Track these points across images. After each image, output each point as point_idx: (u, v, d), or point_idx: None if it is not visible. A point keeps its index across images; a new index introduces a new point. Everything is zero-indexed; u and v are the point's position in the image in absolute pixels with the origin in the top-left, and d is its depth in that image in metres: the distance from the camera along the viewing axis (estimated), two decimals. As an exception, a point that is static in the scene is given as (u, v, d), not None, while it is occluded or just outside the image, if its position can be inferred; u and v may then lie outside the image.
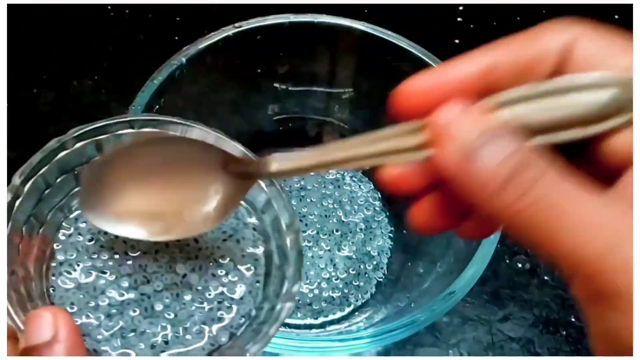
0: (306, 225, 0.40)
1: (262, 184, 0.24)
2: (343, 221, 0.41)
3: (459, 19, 0.54)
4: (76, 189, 0.24)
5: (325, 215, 0.41)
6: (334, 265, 0.39)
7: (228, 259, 0.24)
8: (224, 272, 0.23)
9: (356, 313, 0.38)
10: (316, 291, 0.39)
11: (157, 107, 0.34)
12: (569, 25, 0.17)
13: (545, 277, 0.41)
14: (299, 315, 0.38)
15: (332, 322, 0.38)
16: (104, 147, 0.24)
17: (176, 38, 0.51)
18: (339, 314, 0.38)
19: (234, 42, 0.37)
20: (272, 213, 0.24)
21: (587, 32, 0.17)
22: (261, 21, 0.37)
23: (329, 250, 0.40)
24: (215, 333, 0.22)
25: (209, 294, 0.23)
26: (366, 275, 0.40)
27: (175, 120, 0.24)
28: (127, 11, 0.53)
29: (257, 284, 0.23)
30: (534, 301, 0.40)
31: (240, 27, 0.37)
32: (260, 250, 0.24)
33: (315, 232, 0.40)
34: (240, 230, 0.24)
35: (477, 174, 0.16)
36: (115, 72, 0.49)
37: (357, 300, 0.39)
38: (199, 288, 0.23)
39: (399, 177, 0.18)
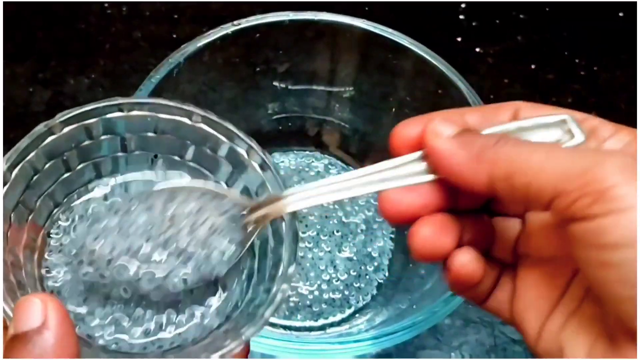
0: (306, 226, 0.40)
1: (256, 166, 0.23)
2: (344, 222, 0.40)
3: (461, 17, 0.53)
4: (66, 175, 0.24)
5: (326, 216, 0.40)
6: (335, 266, 0.39)
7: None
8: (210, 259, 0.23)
9: (357, 315, 0.38)
10: (316, 293, 0.38)
11: (155, 105, 0.34)
12: (514, 103, 0.22)
13: (549, 279, 0.41)
14: (298, 317, 0.37)
15: (332, 325, 0.38)
16: (92, 131, 0.23)
17: (174, 36, 0.51)
18: (339, 316, 0.38)
19: (232, 40, 0.36)
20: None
21: (527, 105, 0.22)
22: (260, 19, 0.37)
23: (330, 251, 0.39)
24: (206, 317, 0.22)
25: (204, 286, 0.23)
26: (367, 276, 0.39)
27: (165, 102, 0.23)
28: (124, 9, 0.53)
29: (245, 271, 0.23)
30: (537, 303, 0.40)
31: (239, 24, 0.36)
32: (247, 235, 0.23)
33: (315, 233, 0.40)
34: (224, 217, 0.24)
35: (463, 151, 0.20)
36: (113, 71, 0.49)
37: (357, 302, 0.38)
38: (188, 272, 0.23)
39: (397, 200, 0.21)
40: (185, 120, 0.24)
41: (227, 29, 0.36)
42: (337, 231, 0.40)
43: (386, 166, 0.22)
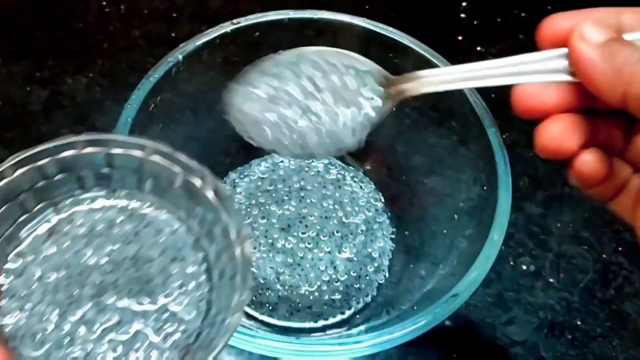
0: (306, 226, 0.40)
1: (210, 195, 0.23)
2: (344, 222, 0.40)
3: (462, 15, 0.53)
4: (24, 217, 0.23)
5: (326, 217, 0.40)
6: (335, 267, 0.39)
7: (172, 280, 0.23)
8: (168, 292, 0.23)
9: (357, 316, 0.38)
10: (316, 294, 0.38)
11: (153, 105, 0.34)
12: None
13: (551, 280, 0.41)
14: (298, 318, 0.37)
15: (332, 326, 0.37)
16: (47, 171, 0.23)
17: (173, 35, 0.51)
18: (339, 317, 0.38)
19: (231, 38, 0.36)
20: (221, 224, 0.23)
21: None
22: (259, 17, 0.36)
23: (330, 252, 0.39)
24: (164, 352, 0.22)
25: (154, 315, 0.23)
26: (367, 277, 0.39)
27: (115, 137, 0.23)
28: (122, 7, 0.52)
29: (202, 302, 0.23)
30: (538, 304, 0.40)
31: (238, 23, 0.36)
32: (203, 268, 0.24)
33: (315, 233, 0.40)
34: (182, 249, 0.24)
35: (604, 64, 0.20)
36: (111, 70, 0.49)
37: (357, 303, 0.38)
38: (145, 310, 0.23)
39: (532, 95, 0.22)
40: (138, 153, 0.24)
41: (226, 27, 0.36)
42: (337, 232, 0.40)
43: (527, 59, 0.22)
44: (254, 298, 0.37)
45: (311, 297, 0.38)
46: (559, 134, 0.22)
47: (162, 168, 0.24)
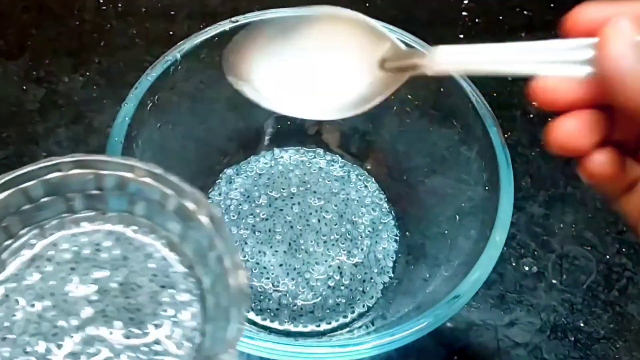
0: (308, 227, 0.39)
1: (204, 219, 0.22)
2: (349, 223, 0.40)
3: (463, 13, 0.53)
4: (8, 242, 0.23)
5: (329, 217, 0.40)
6: (338, 269, 0.38)
7: (163, 309, 0.22)
8: (158, 323, 0.22)
9: (359, 318, 0.37)
10: (319, 298, 0.37)
11: (151, 104, 0.33)
12: None
13: (554, 281, 0.40)
14: (301, 321, 0.37)
15: (334, 328, 0.37)
16: (32, 194, 0.22)
17: (171, 33, 0.50)
18: (341, 320, 0.37)
19: (230, 36, 0.36)
20: (216, 251, 0.22)
21: None
22: (259, 15, 0.36)
23: (333, 253, 0.38)
24: None
25: (144, 347, 0.22)
26: (371, 279, 0.38)
27: (104, 158, 0.23)
28: (119, 5, 0.52)
29: (195, 334, 0.22)
30: (541, 305, 0.39)
31: (237, 21, 0.36)
32: (196, 296, 0.23)
33: (318, 235, 0.39)
34: (174, 276, 0.23)
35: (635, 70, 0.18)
36: (108, 69, 0.48)
37: (360, 306, 0.38)
38: (135, 342, 0.22)
39: (552, 88, 0.21)
40: (129, 175, 0.23)
41: (225, 25, 0.35)
42: (342, 233, 0.39)
43: (550, 46, 0.21)
44: (253, 305, 0.37)
45: (315, 301, 0.37)
46: (575, 131, 0.20)
47: (153, 190, 0.23)
